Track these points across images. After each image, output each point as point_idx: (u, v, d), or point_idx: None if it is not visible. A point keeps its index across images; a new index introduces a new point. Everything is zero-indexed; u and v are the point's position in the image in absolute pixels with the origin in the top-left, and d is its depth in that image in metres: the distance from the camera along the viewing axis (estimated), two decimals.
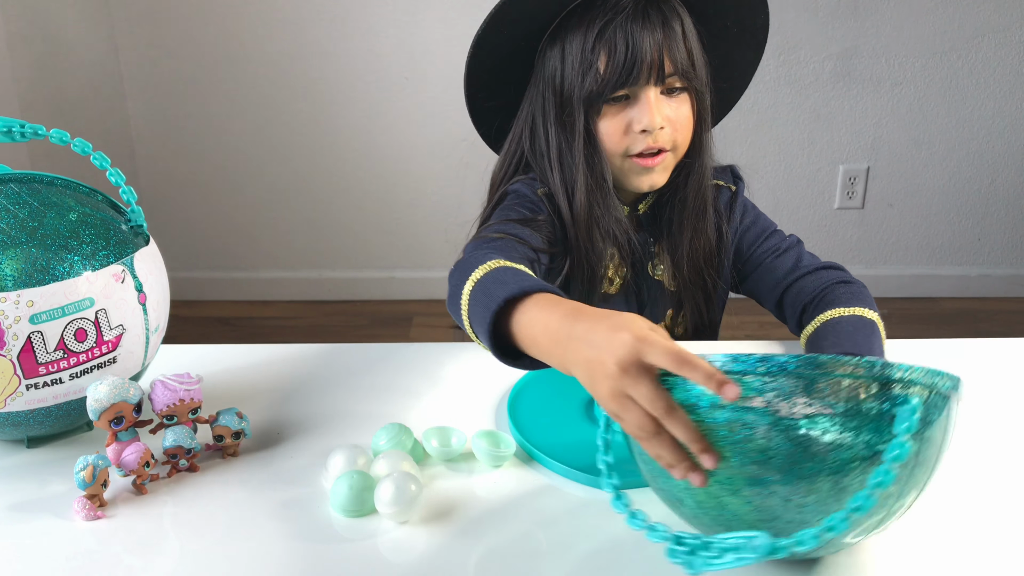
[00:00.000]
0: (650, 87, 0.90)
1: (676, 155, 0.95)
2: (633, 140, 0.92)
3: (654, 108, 0.90)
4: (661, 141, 0.92)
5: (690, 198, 0.98)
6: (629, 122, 0.91)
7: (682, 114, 0.93)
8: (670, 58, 0.89)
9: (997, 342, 1.02)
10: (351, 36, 2.50)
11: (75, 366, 0.77)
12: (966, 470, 0.77)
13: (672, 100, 0.92)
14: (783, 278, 0.99)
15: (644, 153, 0.92)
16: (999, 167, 2.64)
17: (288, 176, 2.66)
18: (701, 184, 0.97)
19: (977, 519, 0.70)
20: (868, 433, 0.53)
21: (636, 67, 0.88)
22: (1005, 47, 2.50)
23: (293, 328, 2.61)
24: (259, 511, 0.72)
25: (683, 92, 0.92)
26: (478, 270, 0.74)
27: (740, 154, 2.58)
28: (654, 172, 0.94)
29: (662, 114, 0.90)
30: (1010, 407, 0.87)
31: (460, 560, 0.66)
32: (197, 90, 2.56)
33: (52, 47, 2.23)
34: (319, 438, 0.83)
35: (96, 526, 0.70)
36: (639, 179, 0.95)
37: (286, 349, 1.02)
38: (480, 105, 1.02)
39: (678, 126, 0.92)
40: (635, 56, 0.88)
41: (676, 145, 0.94)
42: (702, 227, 0.99)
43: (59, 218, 0.78)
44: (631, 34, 0.88)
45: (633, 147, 0.92)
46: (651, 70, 0.88)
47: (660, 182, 0.95)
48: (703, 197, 0.98)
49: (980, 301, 2.74)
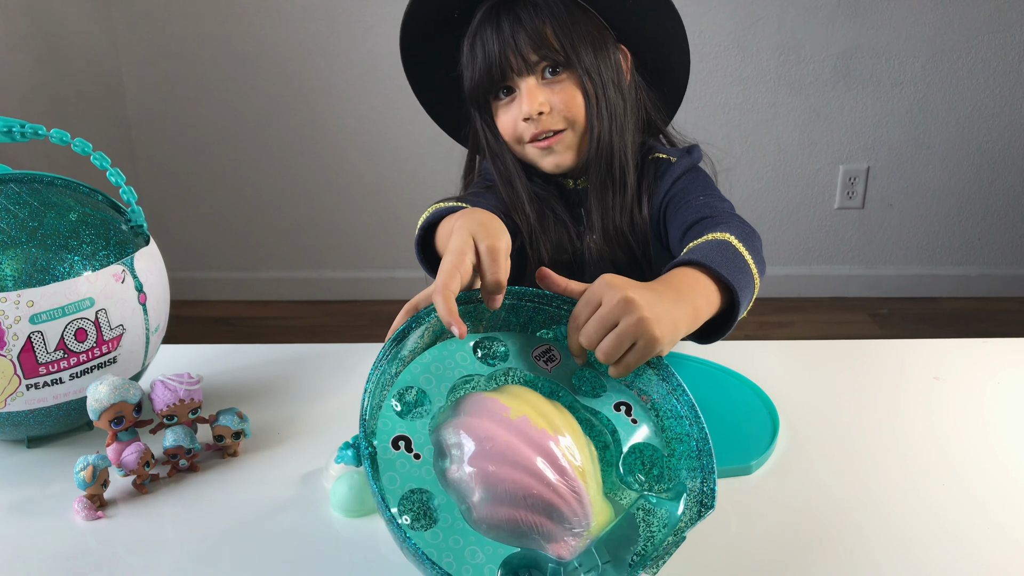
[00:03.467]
0: (523, 78, 0.95)
1: (575, 133, 0.97)
2: (523, 129, 0.97)
3: (529, 96, 0.94)
4: (546, 124, 0.96)
5: (592, 172, 0.99)
6: (517, 113, 0.96)
7: (568, 95, 0.95)
8: (527, 47, 0.93)
9: (997, 342, 1.02)
10: (351, 36, 2.50)
11: (75, 366, 0.77)
12: (966, 470, 0.77)
13: (555, 84, 0.95)
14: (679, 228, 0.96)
15: (539, 137, 0.97)
16: (999, 167, 2.64)
17: (288, 176, 2.66)
18: (605, 158, 0.98)
19: (977, 519, 0.70)
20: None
21: (494, 66, 0.94)
22: (1005, 47, 2.50)
23: (293, 328, 2.61)
24: (259, 511, 0.72)
25: (563, 73, 0.95)
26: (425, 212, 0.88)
27: (740, 154, 2.59)
28: (555, 153, 0.98)
29: (538, 100, 0.94)
30: (1010, 407, 0.88)
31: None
32: (197, 90, 2.56)
33: (52, 47, 2.23)
34: (319, 438, 0.83)
35: (96, 526, 0.70)
36: (544, 161, 0.99)
37: (286, 349, 1.02)
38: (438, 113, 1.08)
39: (565, 107, 0.95)
40: (489, 58, 0.94)
41: (571, 123, 0.96)
42: (615, 202, 1.00)
43: (59, 218, 0.78)
44: (484, 36, 0.95)
45: (524, 135, 0.97)
46: (509, 64, 0.94)
47: (565, 161, 0.98)
48: (611, 173, 0.99)
49: (980, 301, 2.74)
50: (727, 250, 0.79)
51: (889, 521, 0.69)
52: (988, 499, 0.73)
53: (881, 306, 2.68)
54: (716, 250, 0.78)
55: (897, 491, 0.74)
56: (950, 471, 0.76)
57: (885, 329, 2.55)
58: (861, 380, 0.93)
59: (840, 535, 0.68)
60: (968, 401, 0.89)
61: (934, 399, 0.89)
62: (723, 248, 0.79)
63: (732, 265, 0.77)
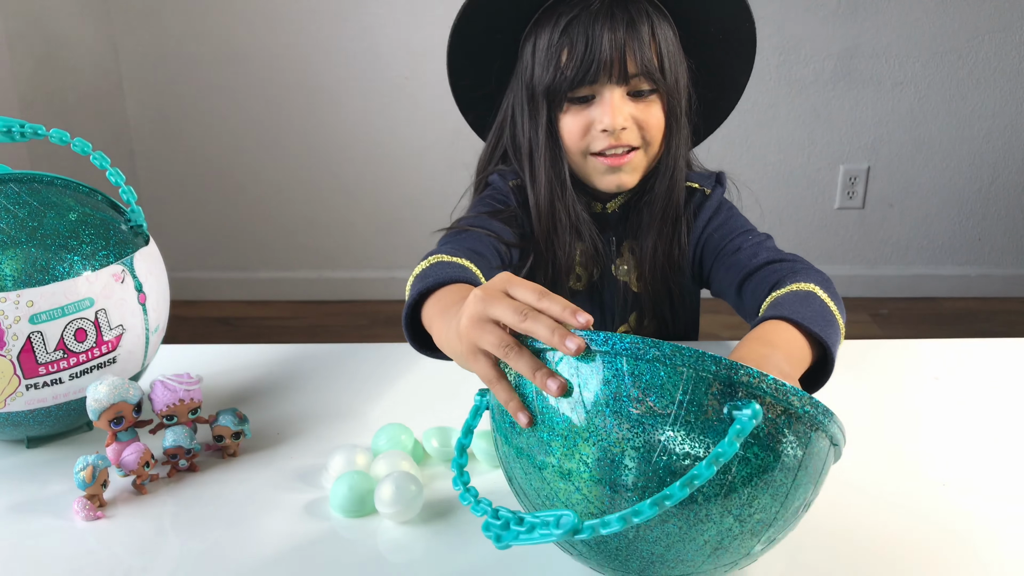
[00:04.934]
0: (612, 87, 0.90)
1: (647, 156, 0.94)
2: (594, 139, 0.92)
3: (615, 108, 0.89)
4: (624, 140, 0.91)
5: (657, 201, 0.97)
6: (591, 121, 0.91)
7: (651, 116, 0.92)
8: (633, 59, 0.88)
9: (997, 342, 1.02)
10: (351, 36, 2.50)
11: (75, 366, 0.77)
12: (966, 470, 0.77)
13: (640, 102, 0.91)
14: (738, 274, 0.95)
15: (608, 152, 0.92)
16: (999, 167, 2.64)
17: (288, 176, 2.66)
18: (671, 188, 0.96)
19: (978, 519, 0.70)
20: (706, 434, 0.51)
21: (595, 64, 0.88)
22: (1005, 47, 2.50)
23: (293, 328, 2.61)
24: (259, 511, 0.72)
25: (653, 94, 0.92)
26: (418, 267, 0.82)
27: (740, 154, 2.59)
28: (621, 172, 0.93)
29: (623, 114, 0.90)
30: (1010, 407, 0.87)
31: (460, 560, 0.66)
32: (197, 90, 2.56)
33: (52, 47, 2.23)
34: (319, 438, 0.83)
35: (96, 526, 0.70)
36: (605, 178, 0.94)
37: (286, 349, 1.02)
38: (465, 93, 1.02)
39: (646, 127, 0.92)
40: (594, 54, 0.88)
41: (647, 144, 0.93)
42: (667, 232, 0.98)
43: (59, 218, 0.78)
44: (592, 32, 0.88)
45: (594, 145, 0.92)
46: (611, 69, 0.89)
47: (628, 183, 0.95)
48: (672, 202, 0.97)
49: (980, 301, 2.74)
50: (814, 303, 0.79)
51: (889, 521, 0.69)
52: (988, 499, 0.73)
53: (881, 306, 2.68)
54: (804, 304, 0.78)
55: (897, 491, 0.74)
56: (950, 471, 0.76)
57: (885, 329, 2.55)
58: (861, 380, 0.93)
59: (839, 534, 0.68)
60: (968, 401, 0.89)
61: (934, 399, 0.89)
62: (810, 301, 0.79)
63: (821, 319, 0.76)
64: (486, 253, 0.90)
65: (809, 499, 0.56)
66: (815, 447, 0.54)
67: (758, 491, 0.52)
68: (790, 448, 0.52)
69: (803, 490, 0.54)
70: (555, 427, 0.54)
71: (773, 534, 0.55)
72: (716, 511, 0.52)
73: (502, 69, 0.98)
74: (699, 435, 0.51)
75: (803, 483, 0.54)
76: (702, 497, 0.51)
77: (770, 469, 0.52)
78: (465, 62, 0.98)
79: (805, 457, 0.53)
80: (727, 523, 0.52)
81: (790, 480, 0.53)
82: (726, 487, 0.51)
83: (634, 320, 1.04)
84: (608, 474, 0.52)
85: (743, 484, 0.52)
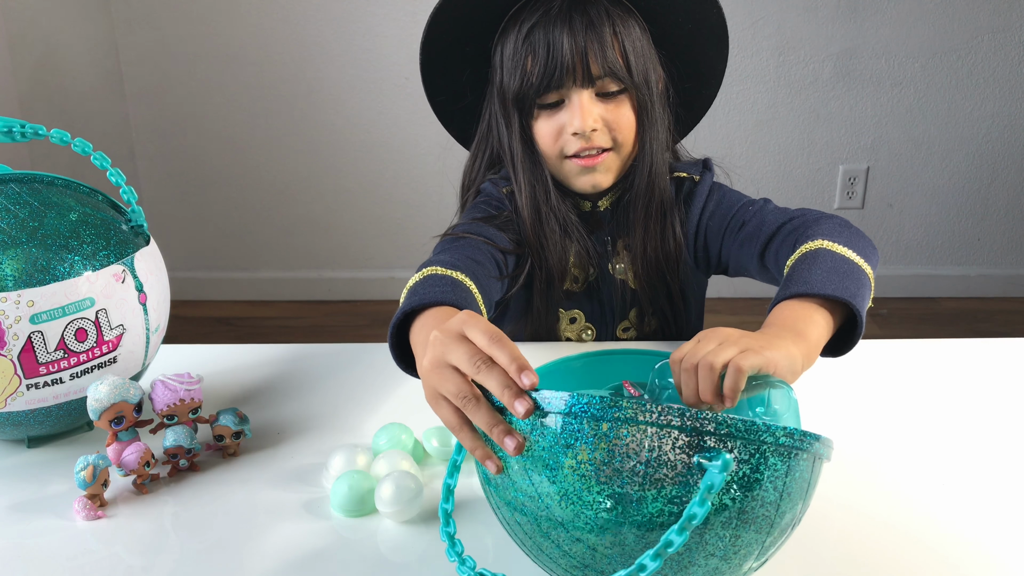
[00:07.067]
0: (579, 89, 0.90)
1: (620, 155, 0.94)
2: (566, 142, 0.92)
3: (584, 110, 0.90)
4: (596, 142, 0.92)
5: (639, 198, 0.97)
6: (562, 125, 0.92)
7: (622, 116, 0.92)
8: (595, 60, 0.89)
9: (997, 342, 1.02)
10: (351, 36, 2.50)
11: (75, 366, 0.77)
12: (967, 470, 0.77)
13: (610, 102, 0.92)
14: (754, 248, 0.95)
15: (582, 154, 0.93)
16: (999, 167, 2.64)
17: (288, 176, 2.66)
18: (651, 183, 0.96)
19: (978, 519, 0.70)
20: (677, 487, 0.49)
21: (558, 69, 0.89)
22: (1005, 47, 2.50)
23: (293, 328, 2.61)
24: (259, 511, 0.72)
25: (622, 93, 0.92)
26: (412, 278, 0.81)
27: (740, 154, 2.59)
28: (595, 172, 0.94)
29: (592, 116, 0.90)
30: (1010, 407, 0.88)
31: None
32: (197, 90, 2.56)
33: (52, 47, 2.23)
34: (319, 438, 0.83)
35: (96, 526, 0.70)
36: (580, 179, 0.95)
37: (286, 349, 1.02)
38: (445, 107, 1.03)
39: (616, 128, 0.92)
40: (556, 59, 0.88)
41: (619, 145, 0.93)
42: (655, 226, 0.98)
43: (59, 218, 0.78)
44: (552, 36, 0.88)
45: (567, 148, 0.93)
46: (575, 72, 0.89)
47: (603, 183, 0.95)
48: (655, 196, 0.97)
49: (980, 301, 2.74)
50: (824, 261, 0.78)
51: (888, 521, 0.69)
52: (988, 499, 0.73)
53: (881, 306, 2.68)
54: (811, 268, 0.77)
55: (897, 491, 0.74)
56: (950, 471, 0.77)
57: (885, 329, 2.55)
58: (860, 380, 0.93)
59: (839, 534, 0.68)
60: (968, 401, 0.89)
61: (934, 399, 0.89)
62: (819, 260, 0.78)
63: (834, 275, 0.75)
64: (484, 261, 0.90)
65: (798, 517, 0.54)
66: (796, 472, 0.52)
67: (740, 530, 0.51)
68: (769, 482, 0.51)
69: (789, 514, 0.53)
70: (523, 486, 0.52)
71: (763, 554, 0.54)
72: (700, 558, 0.51)
73: (478, 80, 0.99)
74: (671, 489, 0.49)
75: (787, 508, 0.52)
76: (684, 548, 0.50)
77: (750, 509, 0.50)
78: (440, 79, 0.99)
79: (787, 484, 0.51)
80: (712, 564, 0.51)
81: (773, 512, 0.51)
82: (706, 535, 0.50)
83: (635, 316, 1.04)
84: (585, 534, 0.51)
85: (724, 527, 0.50)
